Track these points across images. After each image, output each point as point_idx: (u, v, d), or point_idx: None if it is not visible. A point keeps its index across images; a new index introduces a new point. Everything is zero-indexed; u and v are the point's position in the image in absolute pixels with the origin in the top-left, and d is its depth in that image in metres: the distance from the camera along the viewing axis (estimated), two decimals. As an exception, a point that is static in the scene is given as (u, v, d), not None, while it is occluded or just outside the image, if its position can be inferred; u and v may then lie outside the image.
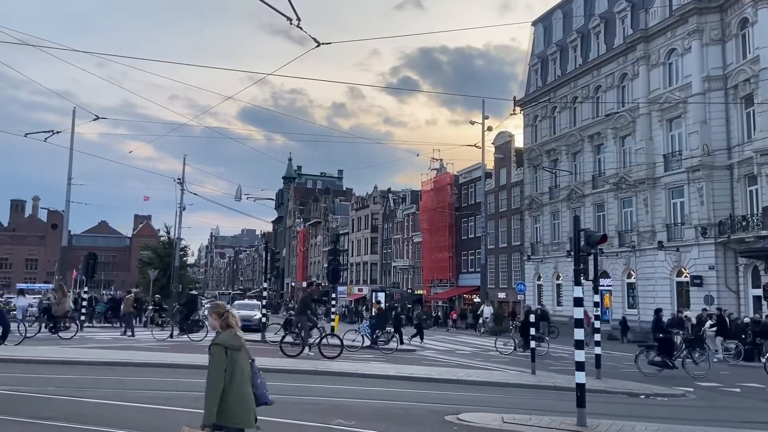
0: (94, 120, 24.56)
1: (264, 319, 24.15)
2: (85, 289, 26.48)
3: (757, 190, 25.84)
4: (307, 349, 15.83)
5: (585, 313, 9.33)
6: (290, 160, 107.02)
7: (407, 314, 24.07)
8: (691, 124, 28.80)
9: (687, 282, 28.78)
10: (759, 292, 24.55)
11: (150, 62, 59.10)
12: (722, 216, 27.21)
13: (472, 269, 48.75)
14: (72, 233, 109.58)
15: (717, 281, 27.15)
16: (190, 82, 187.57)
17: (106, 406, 7.77)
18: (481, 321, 37.41)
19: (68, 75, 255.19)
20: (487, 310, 38.61)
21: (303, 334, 15.98)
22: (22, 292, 26.95)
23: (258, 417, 4.16)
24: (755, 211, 25.71)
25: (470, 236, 50.20)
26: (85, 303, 25.63)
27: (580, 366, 7.60)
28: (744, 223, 25.79)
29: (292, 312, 20.72)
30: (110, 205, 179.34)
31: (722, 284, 27.09)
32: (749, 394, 12.30)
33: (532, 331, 14.61)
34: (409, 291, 59.41)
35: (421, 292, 56.51)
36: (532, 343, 14.09)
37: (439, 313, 51.68)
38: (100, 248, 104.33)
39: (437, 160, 52.59)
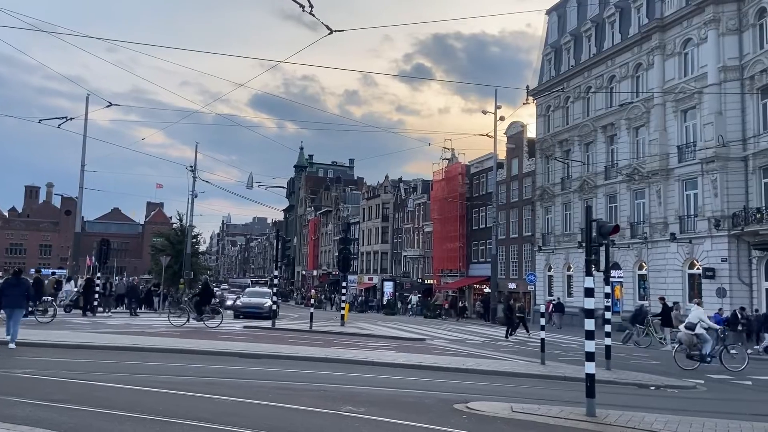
0: (107, 107, 24.74)
1: (275, 307, 24.32)
2: (98, 275, 26.78)
3: (772, 182, 25.53)
4: (193, 320, 20.65)
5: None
6: (302, 148, 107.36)
7: (509, 306, 24.81)
8: (706, 114, 28.46)
9: (699, 274, 28.58)
10: (772, 285, 24.35)
11: (161, 48, 59.05)
12: (736, 208, 26.92)
13: (483, 259, 48.69)
14: (85, 220, 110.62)
15: (729, 274, 26.93)
16: (201, 68, 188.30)
17: (117, 390, 7.88)
18: (409, 307, 48.29)
19: (79, 60, 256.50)
20: (414, 299, 49.39)
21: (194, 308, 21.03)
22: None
23: (270, 404, 4.18)
24: (770, 204, 25.41)
25: (481, 226, 50.09)
26: (98, 288, 25.96)
27: (590, 356, 7.59)
28: (758, 216, 25.51)
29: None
30: (123, 191, 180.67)
31: (735, 277, 26.88)
32: (761, 387, 12.23)
33: (542, 321, 14.58)
34: (420, 281, 59.49)
35: (431, 281, 56.57)
36: (542, 333, 14.06)
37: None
38: (113, 235, 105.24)
39: (449, 149, 52.61)
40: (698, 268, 28.76)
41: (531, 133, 44.99)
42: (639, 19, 34.00)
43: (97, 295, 25.40)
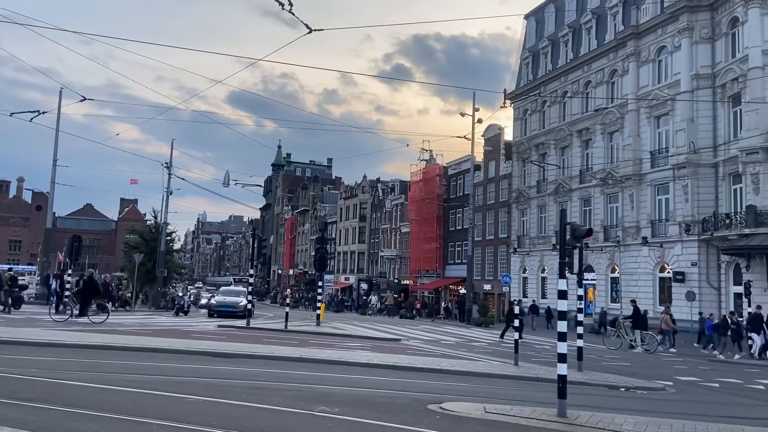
0: (81, 101, 24.29)
1: (250, 306, 24.12)
2: (69, 271, 26.27)
3: (741, 188, 26.15)
4: (77, 315, 19.65)
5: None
6: (279, 147, 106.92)
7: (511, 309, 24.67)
8: (678, 121, 29.03)
9: (669, 278, 29.13)
10: (740, 289, 24.90)
11: (136, 43, 58.23)
12: (706, 213, 27.52)
13: (459, 260, 48.98)
14: (56, 215, 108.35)
15: (699, 278, 27.52)
16: (178, 63, 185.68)
17: (86, 389, 7.74)
18: (369, 307, 49.73)
19: (52, 53, 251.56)
20: (374, 299, 51.46)
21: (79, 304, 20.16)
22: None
23: (242, 404, 4.15)
24: (739, 210, 26.02)
25: (458, 228, 50.38)
26: (69, 286, 25.47)
27: (562, 358, 7.69)
28: (727, 221, 26.10)
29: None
30: (96, 187, 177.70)
31: (704, 281, 27.47)
32: (728, 389, 12.50)
33: (516, 322, 14.72)
34: (396, 281, 59.58)
35: (408, 282, 56.70)
36: (515, 335, 14.19)
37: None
38: (85, 231, 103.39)
39: (427, 150, 52.82)
40: (669, 272, 29.31)
41: (508, 135, 45.47)
42: (615, 25, 34.56)
43: (67, 293, 24.89)
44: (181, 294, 35.70)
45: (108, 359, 11.13)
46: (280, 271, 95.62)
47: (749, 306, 21.83)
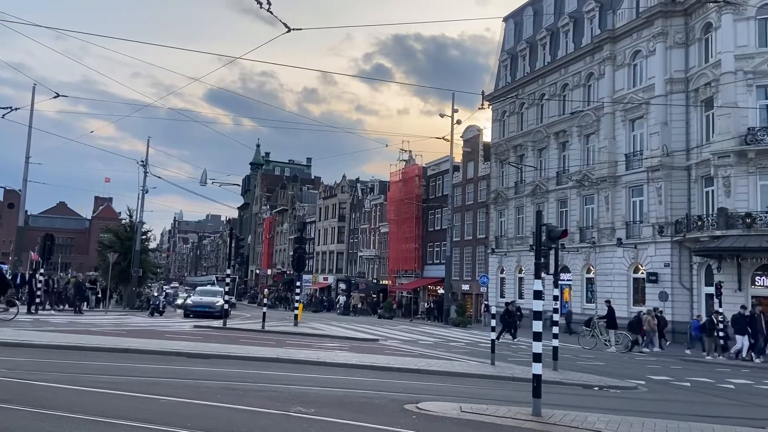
0: (54, 98, 23.86)
1: (227, 306, 23.91)
2: (41, 271, 25.78)
3: (713, 191, 26.67)
4: None
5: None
6: (258, 146, 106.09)
7: (508, 311, 24.79)
8: (652, 124, 29.50)
9: (643, 278, 29.59)
10: (711, 290, 25.36)
11: (111, 39, 57.39)
12: (679, 215, 28.02)
13: (438, 261, 49.16)
14: (29, 213, 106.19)
15: (671, 278, 28.01)
16: (154, 60, 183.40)
17: (57, 390, 7.60)
18: (336, 307, 52.52)
19: (24, 47, 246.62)
20: (342, 299, 53.60)
21: None
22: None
23: (217, 405, 4.11)
24: (710, 212, 26.54)
25: (436, 228, 50.57)
26: (41, 285, 25.01)
27: (537, 357, 7.76)
28: (699, 223, 26.60)
29: None
30: (69, 185, 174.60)
31: (676, 281, 27.97)
32: (699, 389, 12.73)
33: (493, 322, 14.83)
34: (375, 281, 59.58)
35: (387, 282, 56.74)
36: (492, 335, 14.28)
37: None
38: (58, 230, 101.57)
39: (406, 151, 52.93)
40: (642, 273, 29.78)
41: (487, 137, 45.79)
42: (592, 29, 35.00)
43: (39, 292, 24.45)
44: (156, 294, 35.17)
45: (79, 360, 10.94)
46: (258, 271, 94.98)
47: (720, 306, 22.24)
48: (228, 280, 26.35)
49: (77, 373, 9.18)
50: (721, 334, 21.11)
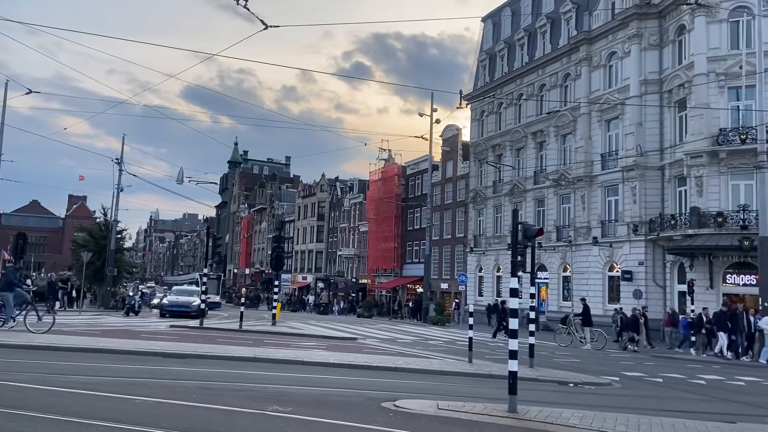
0: (27, 93, 23.43)
1: (203, 306, 23.71)
2: (26, 272, 25.29)
3: (685, 190, 27.17)
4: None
5: None
6: (236, 144, 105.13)
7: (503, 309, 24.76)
8: (627, 125, 29.96)
9: (618, 276, 30.05)
10: (684, 287, 25.85)
11: (86, 34, 56.33)
12: (653, 214, 28.51)
13: (417, 260, 49.32)
14: (1, 212, 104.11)
15: (646, 276, 28.48)
16: (130, 56, 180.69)
17: (30, 390, 7.48)
18: (306, 307, 52.52)
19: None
20: (311, 299, 55.16)
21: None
22: None
23: (193, 404, 4.09)
24: (683, 211, 27.03)
25: (416, 227, 50.71)
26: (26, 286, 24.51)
27: (513, 354, 7.85)
28: (673, 222, 27.10)
29: None
30: (43, 183, 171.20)
31: (650, 279, 28.45)
32: (671, 384, 12.98)
33: (471, 320, 14.94)
34: (354, 280, 59.55)
35: (366, 281, 56.75)
36: (470, 332, 14.40)
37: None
38: (31, 228, 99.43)
39: (386, 150, 52.97)
40: (617, 271, 30.24)
41: (465, 136, 46.03)
42: (569, 30, 35.40)
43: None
44: (131, 293, 34.71)
45: (53, 360, 10.78)
46: (236, 270, 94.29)
47: (692, 304, 22.67)
48: (213, 277, 26.11)
49: (49, 373, 9.05)
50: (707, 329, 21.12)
